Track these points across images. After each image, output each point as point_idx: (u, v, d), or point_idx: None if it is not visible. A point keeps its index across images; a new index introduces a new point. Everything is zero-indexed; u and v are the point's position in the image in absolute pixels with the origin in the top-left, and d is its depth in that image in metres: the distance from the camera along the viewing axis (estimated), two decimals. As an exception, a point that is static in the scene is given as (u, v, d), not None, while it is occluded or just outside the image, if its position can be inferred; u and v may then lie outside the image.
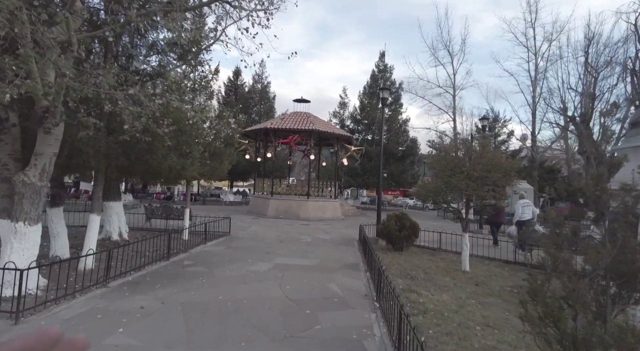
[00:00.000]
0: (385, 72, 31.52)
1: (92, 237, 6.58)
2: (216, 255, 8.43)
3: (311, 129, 17.80)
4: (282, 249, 9.61)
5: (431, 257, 9.67)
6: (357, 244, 11.26)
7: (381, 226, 10.33)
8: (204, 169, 9.75)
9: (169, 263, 7.54)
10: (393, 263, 8.61)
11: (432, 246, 10.93)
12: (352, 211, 22.49)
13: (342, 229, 14.74)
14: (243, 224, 14.95)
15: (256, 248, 9.61)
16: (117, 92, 4.61)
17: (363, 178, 29.42)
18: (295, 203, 18.41)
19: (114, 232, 9.44)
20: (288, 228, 14.42)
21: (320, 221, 17.49)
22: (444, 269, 8.23)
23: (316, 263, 8.12)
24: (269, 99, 33.82)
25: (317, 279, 6.64)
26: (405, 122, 30.84)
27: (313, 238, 11.99)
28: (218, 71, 11.22)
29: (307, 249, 9.69)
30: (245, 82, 34.39)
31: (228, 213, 19.94)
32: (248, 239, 11.07)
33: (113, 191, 9.52)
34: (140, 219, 12.65)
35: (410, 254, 9.89)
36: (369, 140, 30.84)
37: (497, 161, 7.58)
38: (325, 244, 10.86)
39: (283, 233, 12.67)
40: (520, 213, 10.37)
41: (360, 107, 31.18)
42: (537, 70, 21.30)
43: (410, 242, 10.36)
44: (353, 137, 19.82)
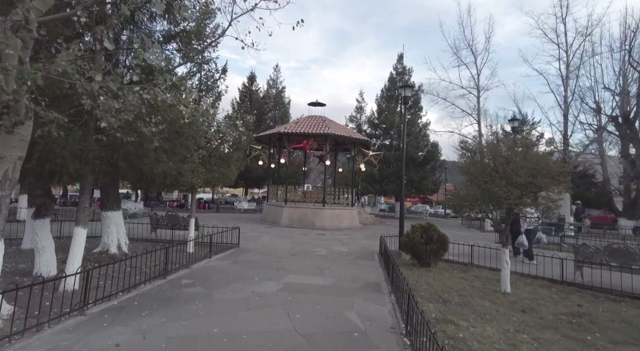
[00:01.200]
0: (403, 74, 30.42)
1: (76, 253, 5.78)
2: (220, 272, 7.52)
3: (327, 133, 16.88)
4: (293, 264, 8.63)
5: (463, 274, 8.51)
6: (378, 258, 10.18)
7: (405, 239, 9.24)
8: (209, 176, 8.92)
9: (165, 281, 6.67)
10: (421, 282, 7.52)
11: (463, 260, 9.76)
12: (371, 220, 21.37)
13: (361, 240, 13.67)
14: (254, 234, 14.07)
15: (265, 262, 8.67)
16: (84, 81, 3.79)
17: (381, 184, 28.23)
18: (311, 211, 17.45)
19: (112, 244, 8.68)
20: (302, 238, 13.45)
21: (337, 231, 16.46)
22: (481, 291, 7.09)
23: (332, 282, 7.10)
24: (284, 105, 33.18)
25: (333, 305, 5.63)
26: (426, 126, 29.58)
27: (329, 250, 10.97)
28: (226, 70, 10.50)
29: (322, 265, 8.69)
30: (260, 88, 33.94)
31: (240, 222, 19.17)
32: (257, 252, 10.14)
33: (112, 200, 8.79)
34: (147, 229, 11.93)
35: (439, 270, 8.76)
36: (387, 145, 29.71)
37: (545, 165, 6.43)
38: (342, 258, 9.83)
39: (296, 245, 11.70)
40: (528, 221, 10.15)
41: (378, 111, 30.11)
42: (569, 68, 19.81)
43: (439, 257, 9.22)
44: (371, 141, 18.80)
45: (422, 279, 7.78)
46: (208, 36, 9.15)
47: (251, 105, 32.41)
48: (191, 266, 7.98)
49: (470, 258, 9.62)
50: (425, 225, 9.40)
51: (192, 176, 7.08)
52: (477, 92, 21.86)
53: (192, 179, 7.29)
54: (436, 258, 9.17)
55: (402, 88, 10.96)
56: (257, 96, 32.49)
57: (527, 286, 7.64)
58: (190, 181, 7.43)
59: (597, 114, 21.32)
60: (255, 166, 27.63)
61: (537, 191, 6.62)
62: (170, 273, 7.12)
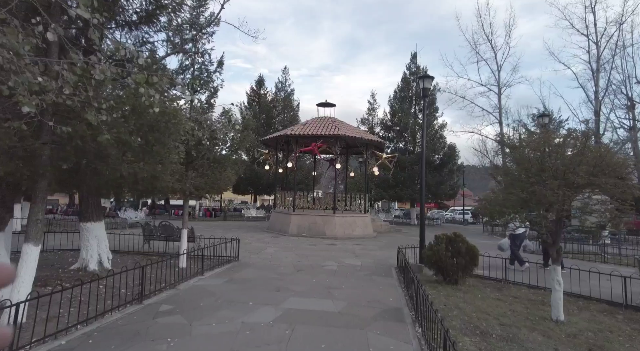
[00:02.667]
0: (417, 74, 29.06)
1: (24, 276, 4.67)
2: (209, 294, 6.35)
3: (337, 135, 15.69)
4: (298, 282, 7.41)
5: (498, 293, 7.16)
6: (396, 273, 8.88)
7: (429, 252, 7.93)
8: (200, 181, 7.81)
9: (140, 307, 5.53)
10: (449, 304, 6.21)
11: (495, 275, 8.38)
12: (385, 228, 20.00)
13: (375, 251, 12.35)
14: (259, 245, 12.90)
15: (265, 280, 7.47)
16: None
17: (395, 189, 26.83)
18: (320, 218, 16.22)
19: (92, 260, 7.61)
20: (310, 249, 12.21)
21: (349, 240, 15.17)
22: (526, 317, 5.73)
23: (342, 307, 5.84)
24: (293, 108, 32.16)
25: (343, 343, 4.38)
26: (442, 127, 28.14)
27: (340, 264, 9.71)
28: (222, 62, 9.54)
29: (331, 283, 7.43)
30: (269, 91, 33.05)
31: (246, 231, 18.08)
32: (258, 267, 8.96)
33: (92, 209, 7.74)
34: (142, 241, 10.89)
35: (468, 289, 7.42)
36: (401, 148, 28.34)
37: (609, 161, 5.09)
38: (354, 273, 8.56)
39: (303, 257, 10.47)
40: (514, 226, 9.34)
41: (391, 113, 28.80)
42: (599, 61, 18.23)
43: (468, 272, 7.87)
44: (384, 143, 17.52)
45: (450, 300, 6.47)
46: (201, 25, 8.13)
47: (259, 109, 31.52)
48: (178, 286, 6.83)
49: (504, 272, 8.22)
50: (452, 235, 8.07)
51: (172, 180, 5.95)
52: (497, 89, 20.44)
53: (173, 184, 6.16)
54: (465, 273, 7.83)
55: (420, 79, 9.72)
56: (266, 100, 31.60)
57: (582, 311, 6.23)
58: (171, 186, 6.29)
59: (630, 111, 19.62)
60: (264, 172, 26.64)
61: (597, 194, 5.29)
62: (149, 296, 5.99)
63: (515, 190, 5.37)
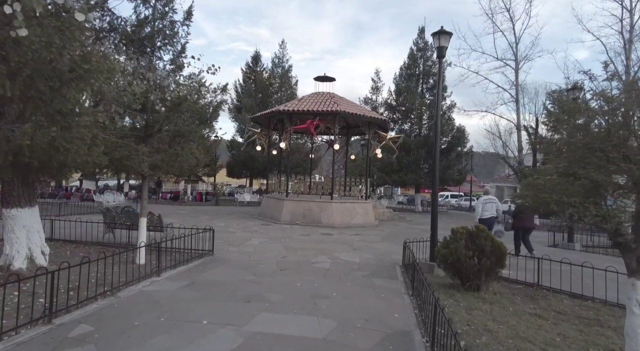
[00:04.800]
0: (425, 50, 26.96)
1: None
2: (154, 306, 4.76)
3: (335, 111, 13.88)
4: (277, 288, 5.81)
5: (534, 306, 5.55)
6: (401, 273, 7.28)
7: (444, 251, 6.27)
8: (155, 158, 6.14)
9: (46, 330, 3.94)
10: (476, 324, 4.60)
11: (522, 278, 6.77)
12: (388, 215, 18.39)
13: (377, 244, 10.74)
14: (244, 234, 11.31)
15: (236, 285, 5.88)
16: None
17: (399, 174, 25.09)
18: (316, 205, 14.59)
19: (18, 257, 6.02)
20: (302, 240, 10.62)
21: (347, 229, 13.58)
22: (583, 348, 4.12)
23: (330, 330, 4.24)
24: (290, 86, 30.06)
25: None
26: (451, 108, 26.15)
27: (333, 260, 8.11)
28: (191, 13, 7.65)
29: (320, 289, 5.83)
30: (265, 68, 30.96)
31: (236, 218, 16.47)
32: (234, 264, 7.36)
33: (18, 192, 6.10)
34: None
35: (495, 298, 5.82)
36: (406, 130, 26.47)
37: None
38: (351, 274, 6.95)
39: (291, 251, 8.88)
40: (480, 210, 9.38)
41: (396, 92, 26.77)
42: (632, 31, 16.18)
43: (492, 276, 6.25)
44: (389, 121, 15.71)
45: (475, 317, 4.86)
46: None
47: (255, 88, 29.54)
48: (119, 292, 5.23)
49: (537, 275, 6.58)
50: (473, 230, 6.41)
51: (87, 154, 4.25)
52: (515, 64, 18.42)
53: (90, 158, 4.45)
54: (488, 277, 6.20)
55: (435, 36, 7.88)
56: (262, 77, 29.54)
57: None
58: (92, 162, 4.59)
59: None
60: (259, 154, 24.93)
61: None
62: (70, 310, 4.39)
63: (587, 170, 3.66)
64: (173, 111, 6.65)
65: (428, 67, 26.78)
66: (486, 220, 9.22)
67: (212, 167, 26.92)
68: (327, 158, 42.93)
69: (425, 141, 24.91)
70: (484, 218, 9.28)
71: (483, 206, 9.47)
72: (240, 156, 28.16)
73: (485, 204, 9.49)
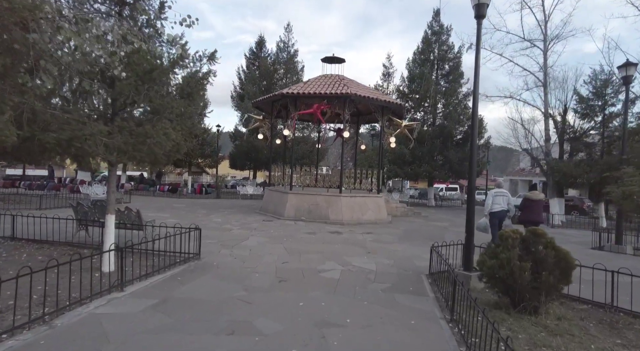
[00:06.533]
0: (440, 34, 25.14)
1: None
2: (96, 344, 3.40)
3: (346, 94, 12.37)
4: (272, 311, 4.42)
5: (621, 339, 4.09)
6: (430, 286, 5.85)
7: (490, 261, 4.81)
8: (117, 140, 4.75)
9: None
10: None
11: (588, 295, 5.29)
12: (401, 210, 16.93)
13: (394, 245, 9.30)
14: (242, 232, 9.95)
15: (219, 306, 4.50)
16: None
17: (412, 166, 23.53)
18: (323, 199, 13.17)
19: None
20: (307, 240, 9.23)
21: (358, 226, 12.17)
22: None
23: (345, 391, 2.83)
24: (296, 71, 28.40)
25: None
26: (467, 96, 24.41)
27: (344, 267, 6.70)
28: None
29: (329, 313, 4.43)
30: (270, 53, 29.33)
31: (236, 212, 15.06)
32: (222, 273, 5.99)
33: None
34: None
35: (561, 326, 4.37)
36: (418, 120, 24.81)
37: None
38: (366, 287, 5.54)
39: (294, 255, 7.49)
40: (490, 203, 8.89)
41: (409, 78, 25.06)
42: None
43: (554, 295, 4.79)
44: (404, 106, 14.12)
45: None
46: None
47: (259, 74, 28.01)
48: (56, 319, 3.88)
49: (612, 295, 5.10)
50: (528, 235, 4.95)
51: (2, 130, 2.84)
52: (543, 44, 16.63)
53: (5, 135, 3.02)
54: (549, 297, 4.75)
55: None
56: (266, 63, 27.94)
57: None
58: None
59: None
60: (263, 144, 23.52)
61: None
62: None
63: None
64: (143, 80, 5.24)
65: (443, 52, 25.01)
66: (496, 214, 8.87)
67: (213, 159, 25.61)
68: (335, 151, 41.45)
69: (440, 130, 23.27)
70: (494, 211, 8.83)
71: (494, 199, 8.97)
72: (243, 147, 26.80)
73: (496, 197, 8.99)
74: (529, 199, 9.37)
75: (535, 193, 9.56)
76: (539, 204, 9.37)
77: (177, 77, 6.00)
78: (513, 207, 9.53)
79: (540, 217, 9.42)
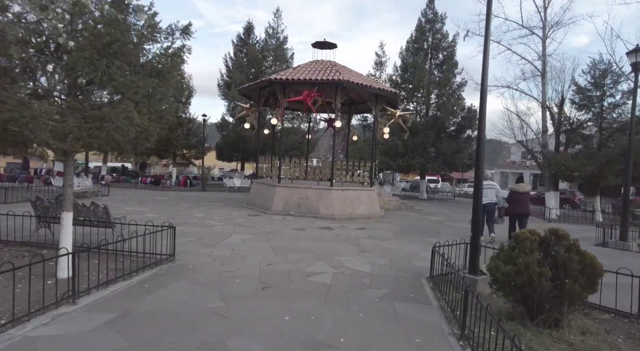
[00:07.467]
0: (435, 22, 24.39)
1: None
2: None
3: (338, 80, 11.60)
4: (252, 328, 3.72)
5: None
6: (432, 292, 5.21)
7: (508, 268, 4.17)
8: (68, 124, 3.97)
9: None
10: None
11: (610, 303, 4.70)
12: (394, 204, 16.34)
13: (390, 242, 8.67)
14: (225, 228, 9.20)
15: (189, 322, 3.79)
16: None
17: (404, 158, 22.93)
18: (314, 192, 12.47)
19: None
20: (296, 237, 8.54)
21: (350, 221, 11.53)
22: None
23: None
24: (286, 59, 27.34)
25: None
26: (461, 86, 23.83)
27: (336, 269, 6.02)
28: None
29: (320, 330, 3.75)
30: (259, 40, 28.18)
31: (222, 206, 14.17)
32: (198, 278, 5.26)
33: None
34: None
35: (587, 342, 3.80)
36: (411, 110, 24.17)
37: None
38: (362, 296, 4.87)
39: (281, 255, 6.79)
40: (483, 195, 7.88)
41: (402, 68, 24.31)
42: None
43: (579, 304, 4.20)
44: (399, 94, 13.39)
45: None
46: None
47: (247, 62, 26.93)
48: (-15, 342, 3.12)
49: (638, 303, 4.52)
50: (548, 236, 4.33)
51: None
52: (542, 32, 16.03)
53: None
54: (572, 308, 4.15)
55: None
56: (254, 50, 26.84)
57: None
58: None
59: None
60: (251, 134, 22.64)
61: None
62: None
63: None
64: (102, 54, 4.42)
65: (437, 41, 24.30)
66: (484, 206, 8.77)
67: (199, 149, 24.60)
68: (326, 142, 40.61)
69: (434, 121, 22.66)
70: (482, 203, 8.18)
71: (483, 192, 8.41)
72: (230, 137, 25.83)
73: (484, 189, 8.62)
74: (515, 191, 9.42)
75: (522, 185, 9.69)
76: (526, 196, 9.42)
77: (146, 54, 5.19)
78: (502, 199, 9.58)
79: (526, 209, 9.43)
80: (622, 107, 15.90)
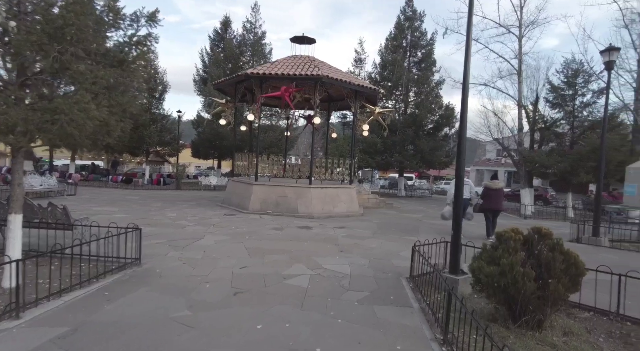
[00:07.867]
0: (413, 20, 24.45)
1: None
2: None
3: (317, 75, 11.32)
4: (220, 339, 3.42)
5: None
6: (413, 293, 5.03)
7: (492, 268, 4.01)
8: (11, 115, 3.53)
9: None
10: None
11: (588, 300, 4.64)
12: (373, 201, 16.24)
13: (369, 240, 8.48)
14: (197, 229, 8.78)
15: (150, 334, 3.44)
16: None
17: (383, 155, 22.92)
18: (292, 190, 12.17)
19: None
20: (272, 237, 8.22)
21: (329, 220, 11.30)
22: None
23: None
24: (264, 54, 26.83)
25: None
26: (439, 84, 23.99)
27: (314, 271, 5.76)
28: None
29: (295, 340, 3.48)
30: (236, 35, 27.51)
31: (196, 205, 13.53)
32: (164, 283, 4.88)
33: None
34: None
35: (569, 343, 3.69)
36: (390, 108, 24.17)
37: None
38: (340, 300, 4.62)
39: (256, 257, 6.47)
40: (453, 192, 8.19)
41: (381, 65, 24.27)
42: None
43: (562, 304, 4.10)
44: (378, 91, 13.25)
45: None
46: None
47: (224, 57, 26.24)
48: None
49: (617, 301, 4.47)
50: (530, 234, 4.21)
51: None
52: (518, 30, 16.26)
53: None
54: (555, 308, 4.05)
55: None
56: (231, 45, 26.17)
57: None
58: None
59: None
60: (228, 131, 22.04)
61: None
62: None
63: None
64: (53, 38, 3.98)
65: (416, 39, 24.38)
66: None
67: (173, 147, 23.80)
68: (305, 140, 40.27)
69: (413, 119, 22.73)
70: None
71: None
72: (206, 134, 25.12)
73: None
74: (489, 188, 9.68)
75: (495, 182, 9.92)
76: (499, 192, 9.66)
77: (107, 41, 4.75)
78: (475, 195, 9.82)
79: (499, 205, 9.70)
80: (592, 106, 16.34)
